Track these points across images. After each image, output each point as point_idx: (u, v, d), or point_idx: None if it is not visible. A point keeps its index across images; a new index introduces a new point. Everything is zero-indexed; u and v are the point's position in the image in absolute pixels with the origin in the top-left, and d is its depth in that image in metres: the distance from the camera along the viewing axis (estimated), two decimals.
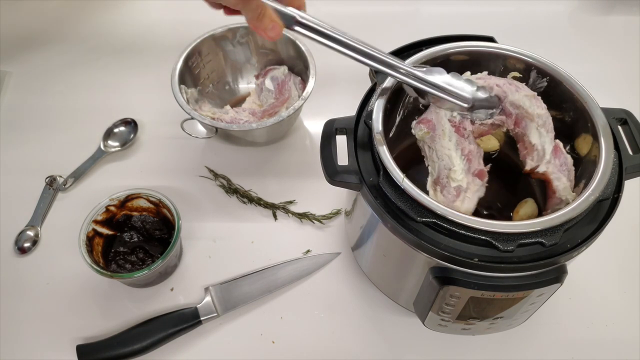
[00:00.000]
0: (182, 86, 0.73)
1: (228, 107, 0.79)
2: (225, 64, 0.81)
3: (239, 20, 0.77)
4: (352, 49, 0.49)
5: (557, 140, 0.53)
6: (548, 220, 0.44)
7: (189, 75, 0.76)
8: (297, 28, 0.49)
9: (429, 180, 0.53)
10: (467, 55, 0.57)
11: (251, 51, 0.81)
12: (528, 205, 0.61)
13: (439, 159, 0.52)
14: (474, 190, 0.51)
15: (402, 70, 0.50)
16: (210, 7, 0.53)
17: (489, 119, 0.54)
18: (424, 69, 0.52)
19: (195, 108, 0.74)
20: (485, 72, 0.56)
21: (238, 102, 0.83)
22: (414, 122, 0.54)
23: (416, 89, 0.52)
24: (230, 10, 0.52)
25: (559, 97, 0.55)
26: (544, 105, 0.53)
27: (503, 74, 0.59)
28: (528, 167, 0.54)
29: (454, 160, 0.51)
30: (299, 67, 0.79)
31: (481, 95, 0.52)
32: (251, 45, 0.80)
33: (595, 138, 0.50)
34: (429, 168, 0.53)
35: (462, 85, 0.51)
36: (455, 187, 0.50)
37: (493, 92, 0.53)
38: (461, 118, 0.53)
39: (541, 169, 0.52)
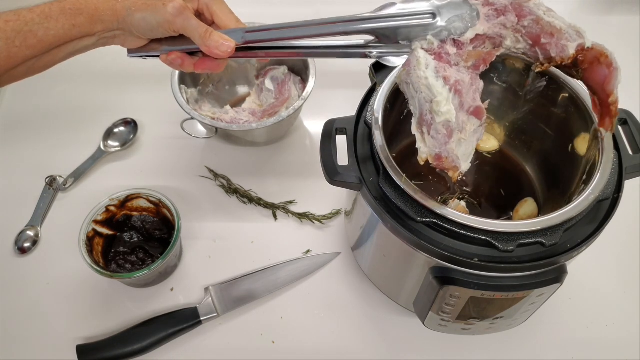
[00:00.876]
0: (182, 86, 0.73)
1: (228, 107, 0.79)
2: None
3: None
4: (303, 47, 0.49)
5: None
6: (548, 219, 0.44)
7: (189, 75, 0.76)
8: (249, 37, 0.48)
9: (413, 121, 0.47)
10: None
11: None
12: (528, 205, 0.61)
13: (417, 92, 0.45)
14: (471, 130, 0.45)
15: (355, 28, 0.47)
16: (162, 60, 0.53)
17: (472, 26, 0.46)
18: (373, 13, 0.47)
19: (195, 108, 0.74)
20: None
21: (238, 102, 0.83)
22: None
23: (381, 38, 0.47)
24: (178, 56, 0.52)
25: (559, 96, 0.55)
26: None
27: (502, 73, 0.59)
28: (574, 50, 0.47)
29: (434, 89, 0.43)
30: (299, 67, 0.79)
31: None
32: None
33: (595, 138, 0.50)
34: (411, 107, 0.47)
35: (417, 3, 0.47)
36: (443, 124, 0.43)
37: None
38: (440, 43, 0.46)
39: (588, 44, 0.47)
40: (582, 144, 0.53)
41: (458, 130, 0.44)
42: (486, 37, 0.47)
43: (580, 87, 0.52)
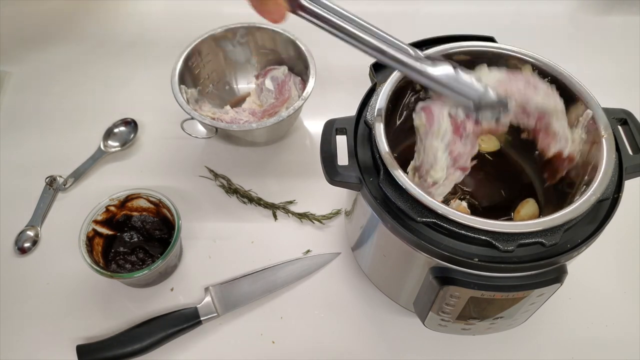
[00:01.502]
0: (182, 86, 0.73)
1: (228, 107, 0.79)
2: (225, 64, 0.81)
3: (238, 20, 0.77)
4: (354, 38, 0.47)
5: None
6: (548, 220, 0.44)
7: (189, 75, 0.76)
8: (300, 13, 0.45)
9: (412, 163, 0.52)
10: (468, 55, 0.57)
11: (251, 51, 0.81)
12: (529, 206, 0.61)
13: (425, 153, 0.51)
14: (452, 180, 0.50)
15: (405, 63, 0.48)
16: None
17: (497, 118, 0.51)
18: (429, 61, 0.49)
19: (195, 108, 0.74)
20: (504, 69, 0.53)
21: (238, 102, 0.83)
22: (418, 105, 0.52)
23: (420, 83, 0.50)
24: None
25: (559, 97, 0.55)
26: (558, 94, 0.52)
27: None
28: (551, 153, 0.53)
29: (439, 160, 0.50)
30: (299, 67, 0.79)
31: (490, 96, 0.49)
32: (251, 45, 0.80)
33: (596, 135, 0.50)
34: (415, 153, 0.52)
35: (469, 83, 0.48)
36: (432, 182, 0.50)
37: (512, 99, 0.51)
38: (465, 117, 0.50)
39: (566, 153, 0.52)
40: (584, 144, 0.53)
41: (440, 182, 0.51)
42: None
43: (583, 89, 0.52)
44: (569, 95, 0.54)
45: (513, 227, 0.45)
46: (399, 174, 0.47)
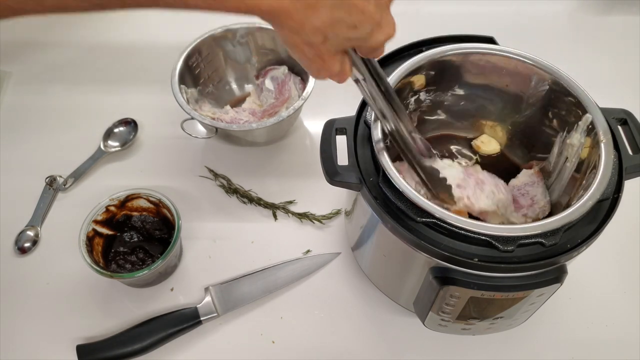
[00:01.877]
0: (182, 86, 0.73)
1: (228, 107, 0.79)
2: (225, 64, 0.81)
3: (238, 20, 0.77)
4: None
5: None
6: (548, 223, 0.44)
7: (189, 75, 0.76)
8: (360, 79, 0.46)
9: (417, 186, 0.55)
10: (467, 57, 0.57)
11: (251, 51, 0.81)
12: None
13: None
14: None
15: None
16: None
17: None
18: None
19: (195, 108, 0.74)
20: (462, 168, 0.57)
21: (238, 102, 0.83)
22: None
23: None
24: None
25: (559, 97, 0.55)
26: (503, 189, 0.58)
27: (503, 74, 0.59)
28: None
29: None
30: (299, 67, 0.79)
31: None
32: (251, 45, 0.80)
33: (595, 140, 0.50)
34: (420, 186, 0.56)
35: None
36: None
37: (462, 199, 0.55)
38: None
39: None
40: (583, 149, 0.53)
41: None
42: None
43: (583, 92, 0.52)
44: (568, 98, 0.54)
45: (513, 230, 0.45)
46: (396, 177, 0.47)
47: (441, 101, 0.63)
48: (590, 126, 0.51)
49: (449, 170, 0.55)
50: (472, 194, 0.55)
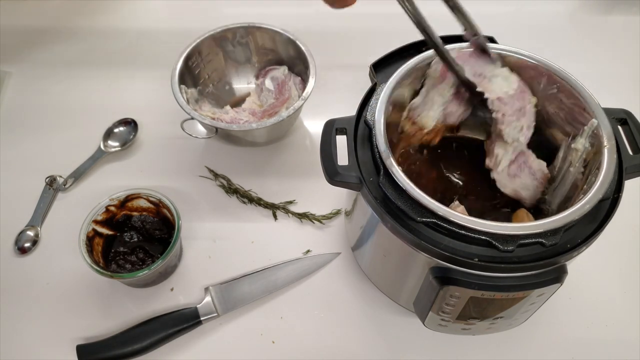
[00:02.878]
0: (182, 86, 0.73)
1: (228, 107, 0.79)
2: (225, 64, 0.81)
3: (238, 20, 0.77)
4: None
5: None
6: (549, 223, 0.44)
7: (189, 75, 0.76)
8: None
9: (408, 105, 0.57)
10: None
11: (251, 51, 0.81)
12: (522, 216, 0.60)
13: (423, 101, 0.56)
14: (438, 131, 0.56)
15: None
16: None
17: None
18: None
19: (195, 108, 0.74)
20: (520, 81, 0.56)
21: (238, 102, 0.83)
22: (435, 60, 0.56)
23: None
24: None
25: (558, 97, 0.55)
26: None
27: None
28: (485, 165, 0.58)
29: (433, 112, 0.55)
30: (299, 67, 0.79)
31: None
32: (251, 45, 0.80)
33: (598, 140, 0.50)
34: (418, 95, 0.57)
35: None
36: (419, 127, 0.56)
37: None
38: (465, 89, 0.54)
39: (492, 175, 0.57)
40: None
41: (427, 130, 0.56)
42: None
43: (587, 94, 0.52)
44: (573, 101, 0.53)
45: (513, 229, 0.45)
46: (399, 174, 0.47)
47: None
48: (595, 131, 0.51)
49: (502, 80, 0.55)
50: (510, 114, 0.54)
